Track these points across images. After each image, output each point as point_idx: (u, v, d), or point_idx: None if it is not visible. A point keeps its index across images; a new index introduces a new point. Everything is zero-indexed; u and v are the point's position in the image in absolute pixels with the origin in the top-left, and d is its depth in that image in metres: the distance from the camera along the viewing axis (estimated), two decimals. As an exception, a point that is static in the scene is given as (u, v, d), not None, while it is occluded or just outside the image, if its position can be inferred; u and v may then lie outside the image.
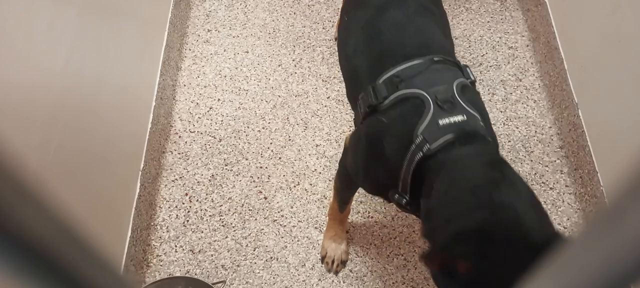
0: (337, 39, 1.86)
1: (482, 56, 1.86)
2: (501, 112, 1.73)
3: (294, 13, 1.95)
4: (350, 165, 1.11)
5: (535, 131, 1.69)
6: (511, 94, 1.77)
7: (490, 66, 1.83)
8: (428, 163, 0.86)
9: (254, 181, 1.59)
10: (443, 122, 0.86)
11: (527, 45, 1.89)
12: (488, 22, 1.94)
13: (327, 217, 1.46)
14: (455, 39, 1.89)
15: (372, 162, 1.01)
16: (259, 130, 1.68)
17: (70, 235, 0.11)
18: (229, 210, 1.54)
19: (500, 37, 1.91)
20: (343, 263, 1.45)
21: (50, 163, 1.03)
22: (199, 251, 1.48)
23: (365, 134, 1.01)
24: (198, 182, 1.59)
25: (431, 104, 0.88)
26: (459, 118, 0.86)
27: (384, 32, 1.05)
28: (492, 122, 1.70)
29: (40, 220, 0.10)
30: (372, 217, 1.54)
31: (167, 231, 1.51)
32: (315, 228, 1.51)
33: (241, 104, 1.74)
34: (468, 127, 0.86)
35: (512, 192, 0.81)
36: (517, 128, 1.70)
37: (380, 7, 1.08)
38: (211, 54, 1.85)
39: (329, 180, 1.58)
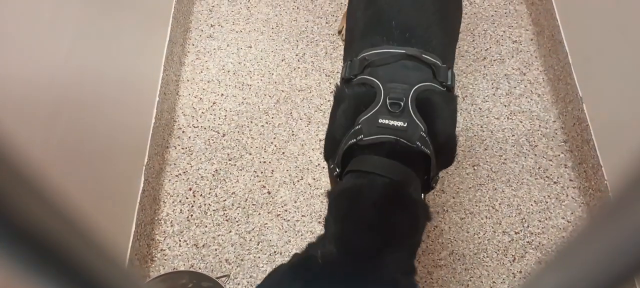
0: (340, 32, 1.86)
1: (485, 50, 1.85)
2: (505, 106, 1.72)
3: (297, 8, 1.95)
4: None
5: (539, 125, 1.69)
6: (515, 88, 1.76)
7: (494, 60, 1.83)
8: (356, 151, 0.92)
9: (257, 176, 1.59)
10: (382, 121, 0.90)
11: (531, 39, 1.88)
12: (492, 15, 1.93)
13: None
14: (459, 33, 1.89)
15: (329, 127, 1.05)
16: (263, 125, 1.68)
17: (76, 230, 0.12)
18: (232, 204, 1.55)
19: (504, 31, 1.90)
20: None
21: (53, 158, 1.04)
22: (203, 245, 1.48)
23: (333, 99, 1.05)
24: (202, 176, 1.59)
25: (381, 100, 0.91)
26: (399, 123, 0.89)
27: (379, 0, 1.05)
28: (496, 117, 1.70)
29: (47, 214, 0.11)
30: (375, 212, 1.53)
31: (171, 226, 1.52)
32: (319, 222, 1.52)
33: (244, 99, 1.74)
34: (405, 136, 0.89)
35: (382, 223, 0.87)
36: (521, 122, 1.69)
37: None
38: (214, 48, 1.85)
39: (333, 175, 1.58)
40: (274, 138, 1.66)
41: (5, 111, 0.89)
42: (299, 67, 1.80)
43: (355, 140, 0.91)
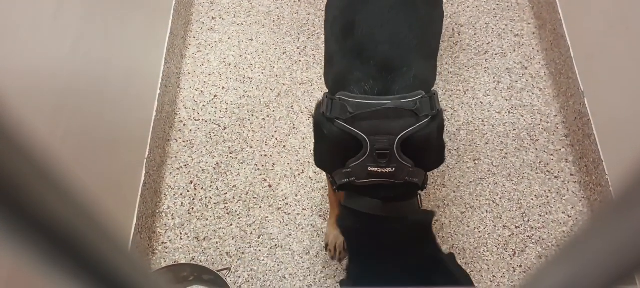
0: None
1: (487, 44, 1.85)
2: (506, 100, 1.72)
3: (299, 0, 1.94)
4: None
5: (541, 119, 1.69)
6: (517, 82, 1.76)
7: (496, 54, 1.82)
8: (351, 187, 1.02)
9: (258, 169, 1.59)
10: (371, 169, 0.98)
11: (533, 33, 1.87)
12: (494, 9, 1.93)
13: (329, 203, 1.46)
14: (461, 26, 1.88)
15: (316, 146, 1.15)
16: (264, 119, 1.68)
17: (87, 217, 0.12)
18: (233, 198, 1.55)
19: (506, 25, 1.89)
20: (346, 250, 1.46)
21: (57, 151, 1.04)
22: (204, 238, 1.49)
23: (314, 124, 1.11)
24: (203, 169, 1.60)
25: (368, 151, 0.98)
26: (387, 170, 0.98)
27: (356, 28, 1.07)
28: (498, 111, 1.70)
29: (59, 201, 0.11)
30: (376, 205, 1.54)
31: (172, 218, 1.52)
32: (320, 216, 1.52)
33: (246, 92, 1.73)
34: (393, 177, 0.98)
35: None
36: (523, 116, 1.69)
37: None
38: (215, 41, 1.85)
39: (334, 168, 1.58)
40: (275, 131, 1.66)
41: (10, 103, 0.89)
42: (300, 60, 1.80)
43: (347, 180, 1.01)
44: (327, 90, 1.14)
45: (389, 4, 1.08)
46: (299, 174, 1.58)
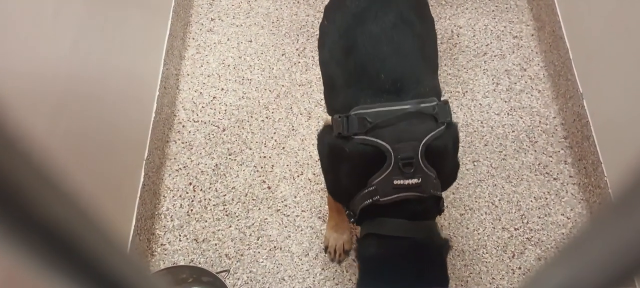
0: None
1: (486, 46, 1.85)
2: (505, 102, 1.72)
3: (298, 2, 1.94)
4: (321, 162, 1.18)
5: (540, 121, 1.69)
6: (515, 83, 1.76)
7: (495, 56, 1.82)
8: (373, 209, 0.97)
9: (257, 171, 1.59)
10: (397, 182, 0.94)
11: (532, 35, 1.88)
12: (493, 11, 1.93)
13: (328, 207, 1.46)
14: (460, 28, 1.88)
15: (330, 176, 1.10)
16: (263, 120, 1.68)
17: (86, 219, 0.12)
18: (232, 199, 1.55)
19: (505, 27, 1.89)
20: (346, 252, 1.46)
21: (56, 152, 1.04)
22: (203, 240, 1.49)
23: (328, 150, 1.07)
24: (202, 171, 1.59)
25: (392, 162, 0.94)
26: (413, 181, 0.94)
27: (360, 48, 1.06)
28: (496, 112, 1.70)
29: (58, 202, 0.11)
30: (375, 207, 1.54)
31: (171, 220, 1.52)
32: (319, 218, 1.52)
33: (245, 94, 1.73)
34: (419, 190, 0.95)
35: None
36: (521, 118, 1.69)
37: (358, 16, 1.09)
38: (215, 43, 1.85)
39: (333, 170, 1.58)
40: (274, 133, 1.66)
41: (9, 103, 0.89)
42: (299, 62, 1.80)
43: (371, 200, 0.96)
44: (329, 115, 1.11)
45: (388, 23, 1.07)
46: (298, 176, 1.58)
